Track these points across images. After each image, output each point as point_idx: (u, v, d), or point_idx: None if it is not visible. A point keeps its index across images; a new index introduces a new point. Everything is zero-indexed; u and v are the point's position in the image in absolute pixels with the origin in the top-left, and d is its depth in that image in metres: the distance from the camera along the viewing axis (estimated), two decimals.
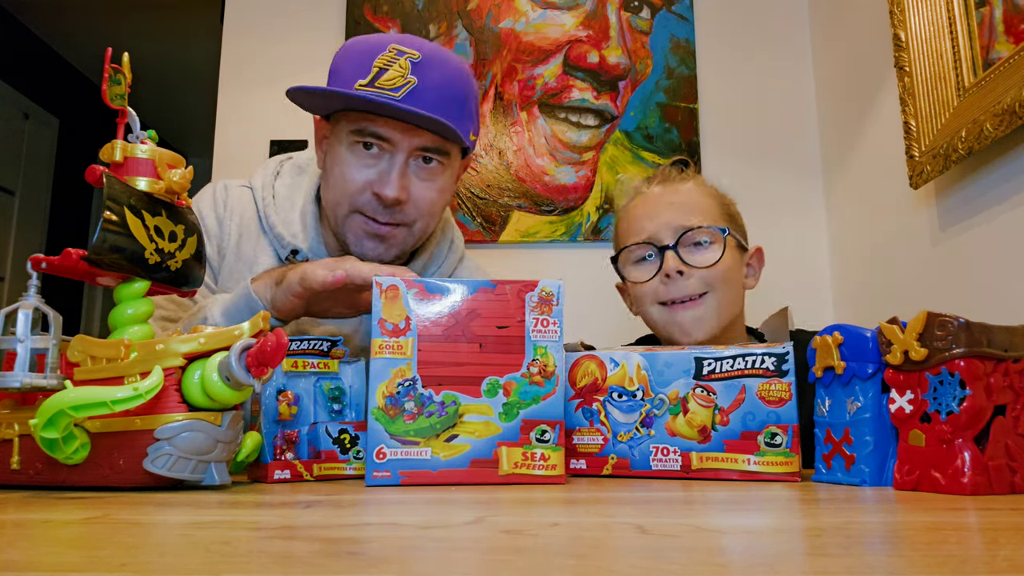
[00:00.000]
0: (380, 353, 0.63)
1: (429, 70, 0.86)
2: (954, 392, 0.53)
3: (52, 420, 0.51)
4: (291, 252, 0.95)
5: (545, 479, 0.63)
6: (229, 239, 0.97)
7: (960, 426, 0.53)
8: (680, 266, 0.94)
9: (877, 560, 0.31)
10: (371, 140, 0.88)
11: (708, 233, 0.96)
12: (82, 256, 0.56)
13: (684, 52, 1.89)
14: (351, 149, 0.89)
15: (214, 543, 0.34)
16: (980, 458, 0.52)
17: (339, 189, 0.91)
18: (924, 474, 0.55)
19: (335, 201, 0.92)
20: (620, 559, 0.30)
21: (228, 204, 0.99)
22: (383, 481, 0.62)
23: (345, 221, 0.92)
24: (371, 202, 0.89)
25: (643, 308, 1.00)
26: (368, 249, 0.92)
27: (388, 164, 0.89)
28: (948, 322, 0.54)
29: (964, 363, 0.53)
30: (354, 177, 0.89)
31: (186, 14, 3.35)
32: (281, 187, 1.00)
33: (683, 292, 0.94)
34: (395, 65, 0.85)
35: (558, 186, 1.85)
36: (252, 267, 0.95)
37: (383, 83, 0.85)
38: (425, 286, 0.65)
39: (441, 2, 1.92)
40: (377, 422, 0.62)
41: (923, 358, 0.55)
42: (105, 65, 0.59)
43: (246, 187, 1.01)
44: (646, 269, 0.98)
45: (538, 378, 0.65)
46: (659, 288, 0.96)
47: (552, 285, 0.67)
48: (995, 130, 1.09)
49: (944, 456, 0.53)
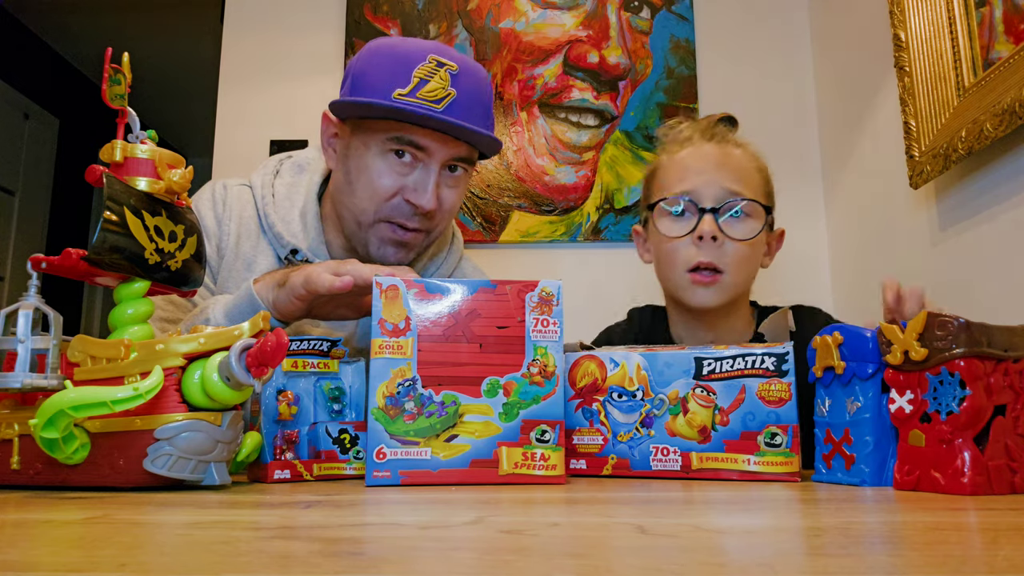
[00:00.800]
0: (380, 353, 0.63)
1: (464, 82, 0.88)
2: (954, 392, 0.53)
3: (52, 420, 0.51)
4: (290, 252, 0.95)
5: (545, 479, 0.63)
6: (228, 239, 0.97)
7: (960, 426, 0.53)
8: (716, 231, 0.92)
9: (877, 560, 0.31)
10: (406, 148, 0.89)
11: (750, 207, 0.95)
12: (82, 256, 0.56)
13: (684, 52, 1.89)
14: (383, 156, 0.89)
15: (214, 543, 0.34)
16: (980, 458, 0.52)
17: (367, 195, 0.90)
18: (924, 474, 0.55)
19: (360, 208, 0.91)
20: (620, 559, 0.30)
21: (227, 203, 0.99)
22: (383, 481, 0.62)
23: (370, 228, 0.92)
24: (401, 209, 0.90)
25: (664, 262, 0.98)
26: (390, 255, 0.93)
27: (423, 174, 0.90)
28: (948, 322, 0.54)
29: (964, 363, 0.53)
30: (385, 184, 0.89)
31: (186, 14, 3.35)
32: (281, 186, 1.00)
33: (710, 257, 0.93)
34: (436, 77, 0.86)
35: (558, 186, 1.85)
36: (250, 267, 0.94)
37: (425, 94, 0.85)
38: (425, 286, 0.65)
39: (441, 2, 1.92)
40: (377, 422, 0.62)
41: (923, 358, 0.55)
42: (105, 65, 0.59)
43: (245, 186, 1.01)
44: (679, 225, 0.95)
45: (538, 378, 0.65)
46: (689, 249, 0.94)
47: (552, 285, 0.67)
48: (995, 130, 1.09)
49: (944, 456, 0.53)
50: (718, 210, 0.93)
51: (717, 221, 0.93)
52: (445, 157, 0.90)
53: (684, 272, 0.95)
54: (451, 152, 0.90)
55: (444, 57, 0.88)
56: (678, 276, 0.96)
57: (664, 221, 0.97)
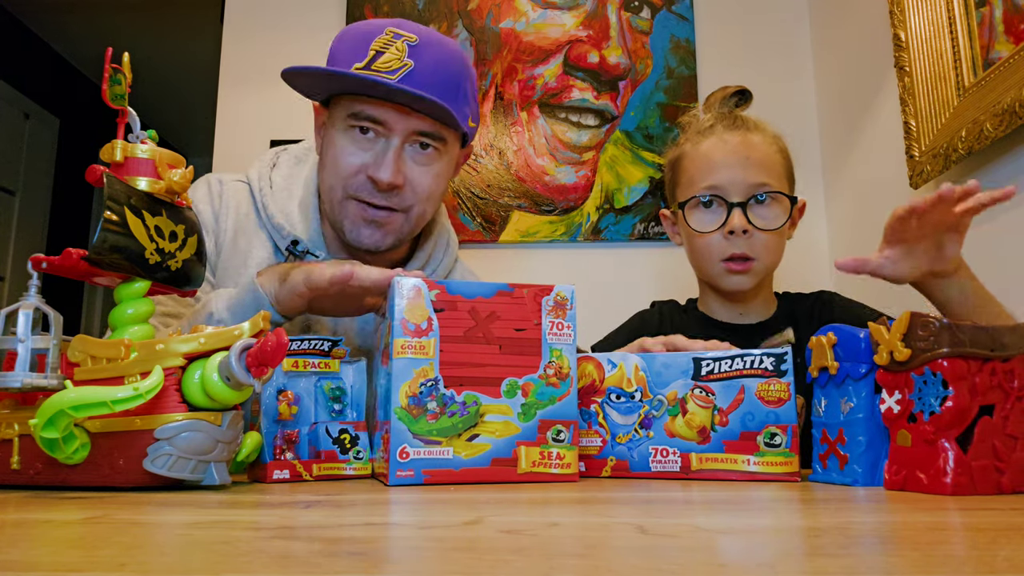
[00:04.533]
0: (402, 353, 0.63)
1: (425, 53, 0.86)
2: (936, 392, 0.53)
3: (52, 420, 0.51)
4: (291, 242, 0.95)
5: (561, 477, 0.65)
6: (225, 234, 0.97)
7: (942, 426, 0.53)
8: (746, 225, 0.97)
9: (876, 560, 0.31)
10: (367, 124, 0.88)
11: (777, 198, 0.99)
12: (82, 256, 0.56)
13: (684, 52, 1.89)
14: (346, 133, 0.89)
15: (214, 543, 0.34)
16: (963, 458, 0.52)
17: (333, 173, 0.90)
18: (910, 474, 0.55)
19: (329, 185, 0.92)
20: (620, 559, 0.30)
21: (223, 198, 0.98)
22: (406, 480, 0.62)
23: (341, 207, 0.91)
24: (366, 186, 0.89)
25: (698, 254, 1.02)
26: (364, 236, 0.91)
27: (383, 147, 0.88)
28: (930, 322, 0.54)
29: (947, 363, 0.53)
30: (348, 161, 0.89)
31: (186, 14, 3.35)
32: (278, 177, 1.00)
33: (742, 249, 0.98)
34: (392, 48, 0.85)
35: (558, 186, 1.85)
36: (246, 261, 0.94)
37: (379, 65, 0.84)
38: (447, 288, 0.65)
39: (441, 2, 1.92)
40: (400, 422, 0.62)
41: (907, 358, 0.55)
42: (105, 65, 0.59)
43: (242, 182, 1.01)
44: (709, 218, 1.00)
45: (554, 379, 0.66)
46: (722, 243, 0.99)
47: (566, 290, 0.68)
48: (995, 130, 1.10)
49: (927, 456, 0.53)
50: (746, 204, 0.97)
51: (746, 214, 0.97)
52: (405, 130, 0.88)
53: (718, 262, 1.00)
54: (411, 125, 0.87)
55: (403, 30, 0.86)
56: (712, 266, 1.01)
57: (694, 215, 1.01)
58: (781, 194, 0.99)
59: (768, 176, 0.99)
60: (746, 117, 1.05)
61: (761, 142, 1.01)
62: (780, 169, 1.02)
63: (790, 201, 1.00)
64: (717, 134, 1.02)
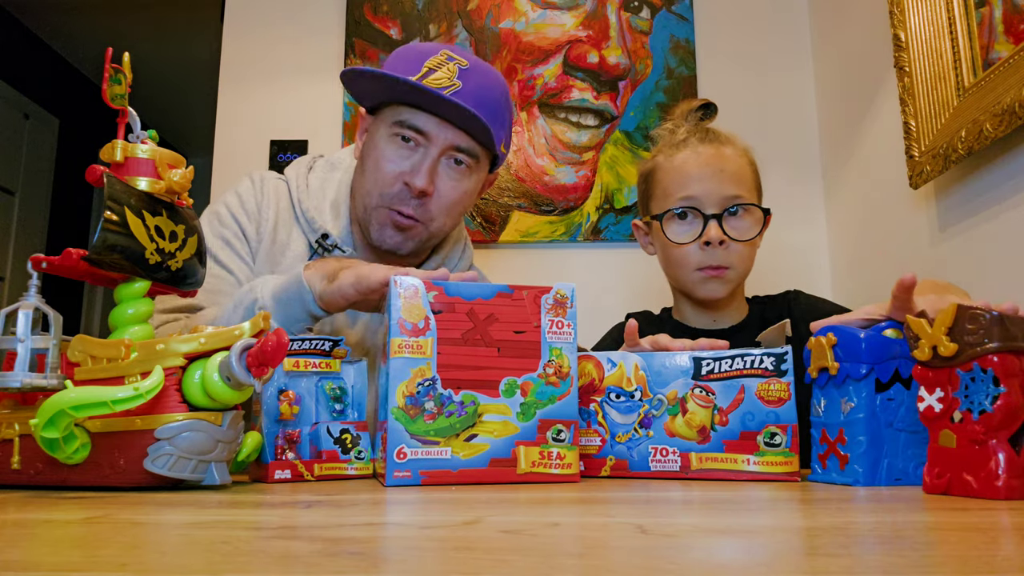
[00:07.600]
0: (400, 353, 0.63)
1: (474, 77, 0.92)
2: (987, 389, 0.50)
3: (52, 420, 0.51)
4: (321, 236, 0.99)
5: (561, 478, 0.64)
6: (267, 223, 1.02)
7: (993, 426, 0.49)
8: (722, 236, 0.99)
9: (876, 560, 0.31)
10: (409, 133, 0.93)
11: (750, 210, 1.02)
12: (82, 256, 0.56)
13: (684, 52, 1.89)
14: (389, 141, 0.94)
15: (214, 543, 0.34)
16: (1016, 460, 0.49)
17: (373, 179, 0.95)
18: (955, 477, 0.51)
19: (367, 190, 0.97)
20: (620, 559, 0.30)
21: (265, 191, 1.04)
22: (404, 481, 0.61)
23: (373, 212, 0.96)
24: (400, 194, 0.94)
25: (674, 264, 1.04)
26: (388, 237, 0.96)
27: (422, 156, 0.94)
28: (980, 315, 0.50)
29: (998, 358, 0.49)
30: (389, 168, 0.94)
31: (186, 14, 3.35)
32: (314, 179, 1.06)
33: (719, 260, 1.01)
34: (444, 67, 0.91)
35: (558, 186, 1.85)
36: (284, 252, 1.00)
37: (431, 80, 0.90)
38: (445, 289, 0.65)
39: (441, 2, 1.92)
40: (397, 422, 0.62)
41: (953, 353, 0.51)
42: (105, 65, 0.59)
43: (281, 179, 1.07)
44: (685, 230, 1.02)
45: (554, 379, 0.66)
46: (699, 254, 1.01)
47: (566, 288, 0.68)
48: (995, 130, 1.10)
49: (977, 458, 0.50)
50: (721, 216, 1.00)
51: (721, 226, 1.00)
52: (444, 143, 0.93)
53: (693, 271, 1.02)
54: (450, 138, 0.93)
55: (456, 53, 0.93)
56: (688, 275, 1.03)
57: (671, 227, 1.03)
58: (753, 205, 1.03)
59: (740, 188, 1.02)
60: (717, 130, 1.07)
61: (733, 155, 1.04)
62: (751, 181, 1.05)
63: (762, 212, 1.03)
64: (691, 147, 1.04)
